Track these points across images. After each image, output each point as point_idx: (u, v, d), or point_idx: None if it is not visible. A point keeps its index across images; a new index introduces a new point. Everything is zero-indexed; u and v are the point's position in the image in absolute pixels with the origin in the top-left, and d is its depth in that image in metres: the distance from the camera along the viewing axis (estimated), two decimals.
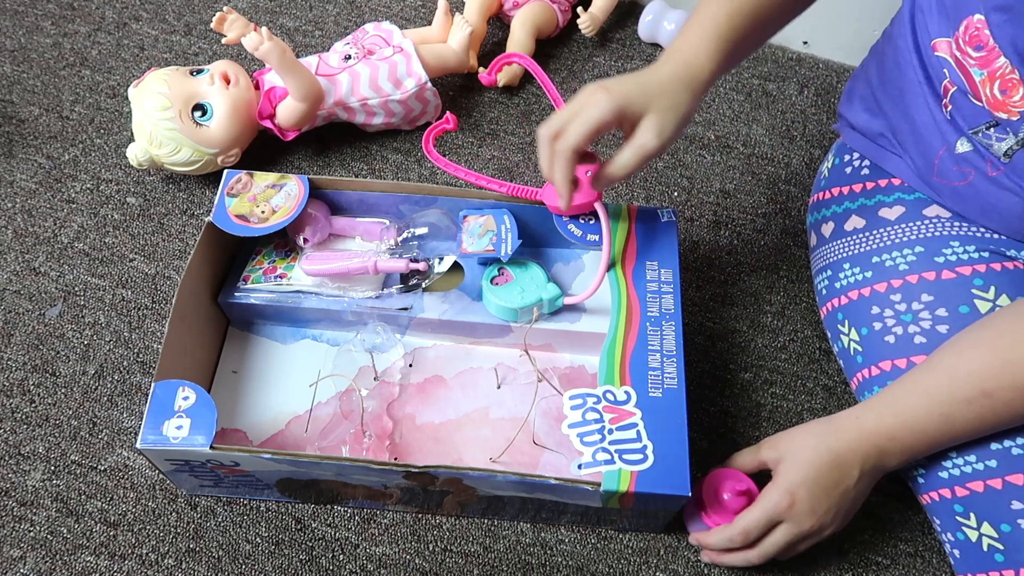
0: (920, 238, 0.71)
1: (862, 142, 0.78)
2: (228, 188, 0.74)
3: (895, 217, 0.73)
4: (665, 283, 0.73)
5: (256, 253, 0.77)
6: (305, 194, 0.74)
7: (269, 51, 0.83)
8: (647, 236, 0.75)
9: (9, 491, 0.72)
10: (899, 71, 0.73)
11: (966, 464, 0.63)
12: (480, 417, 0.73)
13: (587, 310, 0.74)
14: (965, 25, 0.64)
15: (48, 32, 1.05)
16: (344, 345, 0.76)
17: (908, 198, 0.74)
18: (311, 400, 0.73)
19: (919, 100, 0.71)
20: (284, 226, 0.72)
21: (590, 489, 0.62)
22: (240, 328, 0.77)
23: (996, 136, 0.65)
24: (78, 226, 0.88)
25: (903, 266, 0.71)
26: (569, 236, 0.75)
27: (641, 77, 0.64)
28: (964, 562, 0.64)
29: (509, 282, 0.73)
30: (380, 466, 0.62)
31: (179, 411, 0.63)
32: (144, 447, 0.62)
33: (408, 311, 0.74)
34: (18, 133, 0.95)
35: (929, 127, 0.70)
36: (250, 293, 0.74)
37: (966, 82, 0.65)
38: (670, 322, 0.70)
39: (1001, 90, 0.63)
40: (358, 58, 0.93)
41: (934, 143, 0.70)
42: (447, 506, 0.71)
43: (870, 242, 0.74)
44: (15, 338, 0.81)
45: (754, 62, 1.08)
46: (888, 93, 0.75)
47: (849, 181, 0.78)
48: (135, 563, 0.69)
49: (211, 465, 0.64)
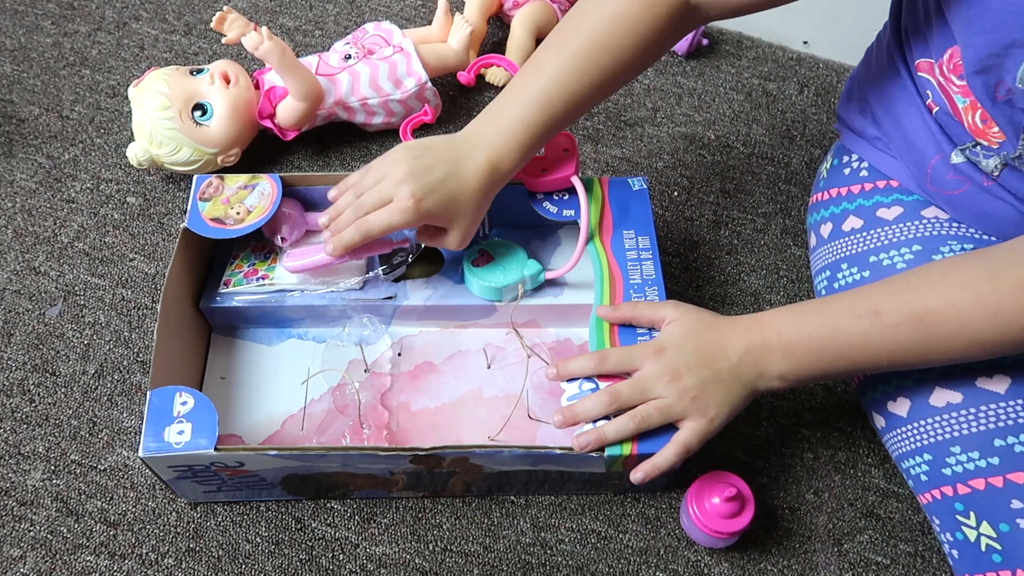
0: (918, 237, 0.71)
1: (861, 144, 0.78)
2: (200, 193, 0.74)
3: (893, 217, 0.73)
4: (644, 250, 0.74)
5: (234, 257, 0.77)
6: (279, 191, 0.73)
7: (269, 50, 0.83)
8: (621, 206, 0.77)
9: (9, 491, 0.72)
10: (889, 80, 0.73)
11: (969, 461, 0.63)
12: (474, 398, 0.74)
13: (569, 284, 0.76)
14: (950, 54, 0.63)
15: (48, 32, 1.05)
16: (331, 341, 0.76)
17: (907, 199, 0.74)
18: (304, 398, 0.74)
19: (911, 110, 0.71)
20: (261, 225, 0.72)
21: (595, 456, 0.63)
22: (223, 334, 0.77)
23: (983, 154, 0.65)
24: (78, 226, 0.88)
25: (901, 264, 0.71)
26: (545, 214, 0.75)
27: (448, 184, 0.65)
28: (962, 562, 0.63)
29: (490, 263, 0.75)
30: (387, 452, 0.62)
31: (179, 416, 0.62)
32: (147, 455, 0.61)
33: (393, 300, 0.74)
34: (18, 133, 0.95)
35: (922, 137, 0.70)
36: (233, 296, 0.74)
37: (949, 106, 0.65)
38: (653, 287, 0.71)
39: (982, 119, 0.63)
40: (358, 58, 0.93)
41: (927, 152, 0.70)
42: (453, 487, 0.71)
43: (868, 242, 0.74)
44: (15, 338, 0.81)
45: (754, 62, 1.08)
46: (880, 101, 0.75)
47: (848, 182, 0.79)
48: (135, 563, 0.69)
49: (215, 468, 0.64)
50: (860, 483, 0.76)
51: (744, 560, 0.72)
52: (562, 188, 0.76)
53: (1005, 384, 0.63)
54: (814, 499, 0.75)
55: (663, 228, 0.91)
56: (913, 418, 0.67)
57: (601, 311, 0.69)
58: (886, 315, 0.59)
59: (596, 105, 0.71)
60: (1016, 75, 0.56)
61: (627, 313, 0.68)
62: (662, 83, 1.04)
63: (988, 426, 0.62)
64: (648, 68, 0.74)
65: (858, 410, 0.79)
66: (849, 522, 0.74)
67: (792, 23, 1.10)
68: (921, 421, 0.66)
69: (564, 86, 0.65)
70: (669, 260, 0.89)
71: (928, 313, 0.58)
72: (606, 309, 0.69)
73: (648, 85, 1.04)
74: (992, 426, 0.62)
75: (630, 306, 0.68)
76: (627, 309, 0.68)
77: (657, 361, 0.63)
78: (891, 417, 0.69)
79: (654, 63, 0.73)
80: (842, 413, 0.80)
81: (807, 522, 0.74)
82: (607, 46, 0.65)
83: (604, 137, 0.98)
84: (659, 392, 0.62)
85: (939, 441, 0.64)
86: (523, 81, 0.66)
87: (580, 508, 0.74)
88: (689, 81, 1.05)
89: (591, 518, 0.73)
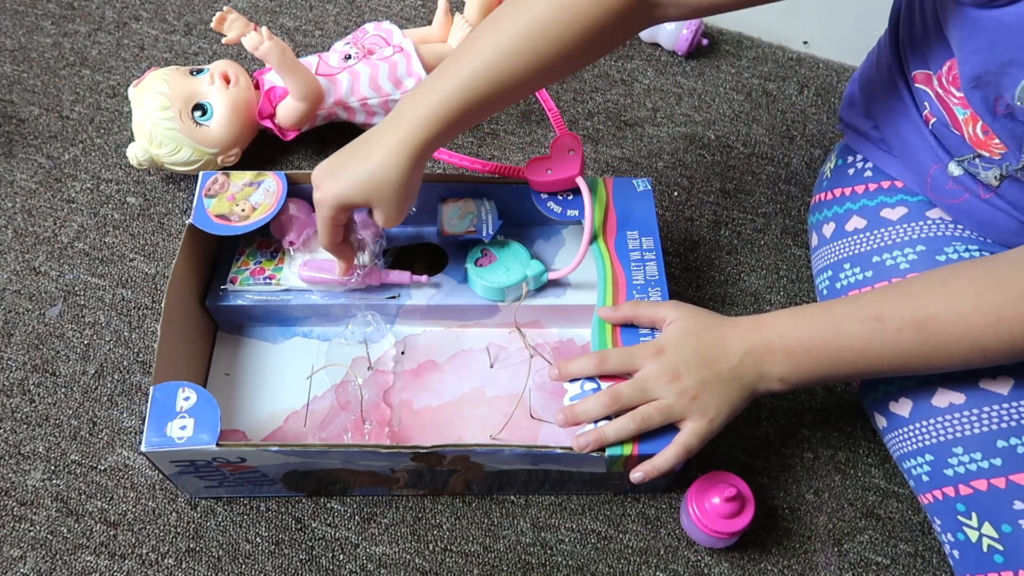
0: (922, 237, 0.71)
1: (865, 145, 0.78)
2: (205, 190, 0.74)
3: (897, 218, 0.73)
4: (647, 251, 0.74)
5: (240, 254, 0.77)
6: (284, 189, 0.73)
7: (269, 51, 0.83)
8: (625, 207, 0.77)
9: (9, 491, 0.72)
10: (887, 90, 0.73)
11: (971, 462, 0.63)
12: (476, 397, 0.74)
13: (571, 284, 0.76)
14: (948, 65, 0.63)
15: (48, 32, 1.05)
16: (335, 339, 0.76)
17: (911, 200, 0.74)
18: (307, 395, 0.74)
19: (908, 120, 0.71)
20: (267, 222, 0.72)
21: (595, 456, 0.63)
22: (229, 331, 0.77)
23: (982, 166, 0.65)
24: (78, 226, 0.88)
25: (904, 265, 0.71)
26: (549, 213, 0.75)
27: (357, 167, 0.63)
28: (963, 563, 0.63)
29: (493, 262, 0.75)
30: (388, 449, 0.62)
31: (181, 412, 0.63)
32: (149, 450, 0.61)
33: (396, 299, 0.75)
34: (18, 133, 0.95)
35: (919, 146, 0.70)
36: (240, 295, 0.74)
37: (948, 118, 0.65)
38: (656, 288, 0.72)
39: (983, 131, 0.63)
40: (358, 58, 0.93)
41: (925, 161, 0.70)
42: (453, 486, 0.71)
43: (871, 242, 0.74)
44: (15, 338, 0.81)
45: (754, 62, 1.08)
46: (879, 108, 0.74)
47: (851, 182, 0.78)
48: (135, 563, 0.69)
49: (217, 464, 0.64)
50: (860, 483, 0.76)
51: (744, 560, 0.72)
52: (566, 188, 0.76)
53: (1008, 385, 0.63)
54: (814, 499, 0.75)
55: (663, 228, 0.91)
56: (915, 418, 0.67)
57: (602, 312, 0.69)
58: (888, 320, 0.59)
59: (534, 91, 0.69)
60: (1015, 93, 0.56)
61: (627, 313, 0.68)
62: (662, 83, 1.04)
63: (991, 427, 0.62)
64: (596, 60, 0.71)
65: (858, 410, 0.79)
66: (849, 522, 0.74)
67: (792, 23, 1.10)
68: (923, 422, 0.66)
69: (494, 67, 0.62)
70: (669, 260, 0.89)
71: (930, 319, 0.58)
72: (607, 310, 0.69)
73: (648, 85, 1.04)
74: (995, 427, 0.62)
75: (631, 306, 0.68)
76: (627, 309, 0.68)
77: (657, 361, 0.63)
78: (893, 417, 0.69)
79: (602, 56, 0.71)
80: (842, 413, 0.80)
81: (807, 522, 0.74)
82: (547, 33, 0.62)
83: (604, 137, 0.98)
84: (659, 392, 0.62)
85: (941, 442, 0.64)
86: (456, 57, 0.64)
87: (580, 508, 0.74)
88: (689, 81, 1.05)
89: (591, 518, 0.73)
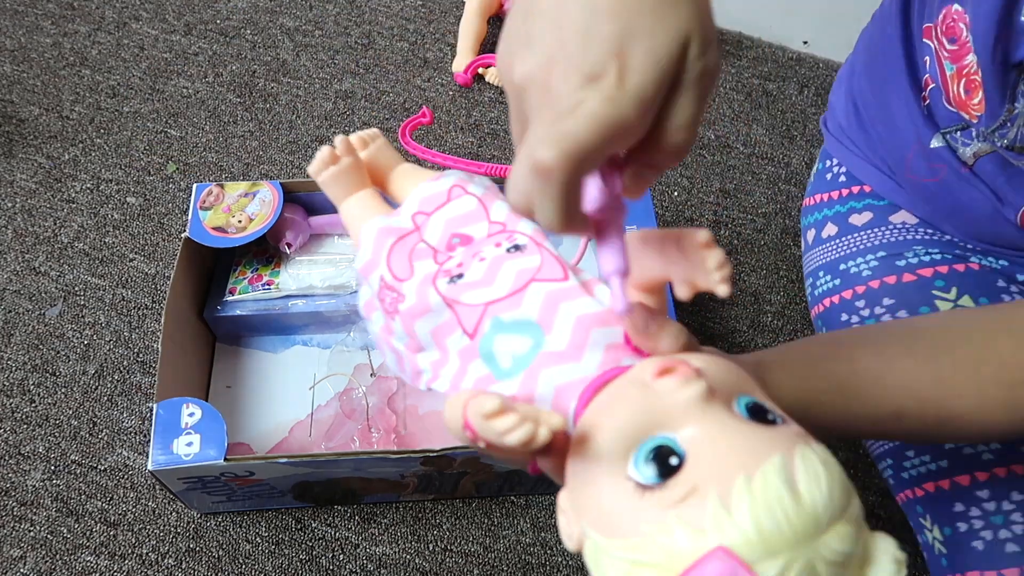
0: (883, 243, 0.71)
1: (839, 148, 0.78)
2: (200, 202, 0.73)
3: (863, 223, 0.73)
4: None
5: (237, 264, 0.77)
6: (280, 199, 0.73)
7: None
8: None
9: (9, 491, 0.72)
10: (884, 59, 0.72)
11: (921, 464, 0.62)
12: None
13: None
14: (944, 14, 0.62)
15: (48, 32, 1.05)
16: (336, 346, 0.76)
17: (877, 204, 0.74)
18: (311, 404, 0.73)
19: (899, 91, 0.70)
20: (263, 233, 0.72)
21: None
22: (228, 343, 0.77)
23: (962, 141, 0.65)
24: (78, 226, 0.88)
25: (866, 272, 0.71)
26: None
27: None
28: (930, 564, 0.62)
29: None
30: (398, 455, 0.62)
31: (187, 428, 0.62)
32: (157, 468, 0.61)
33: None
34: (18, 133, 0.95)
35: (905, 120, 0.70)
36: (239, 304, 0.74)
37: (940, 76, 0.65)
38: None
39: (966, 89, 0.62)
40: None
41: (907, 137, 0.70)
42: (463, 489, 0.71)
43: (839, 249, 0.74)
44: (15, 338, 0.81)
45: (754, 62, 1.08)
46: (871, 81, 0.74)
47: (828, 188, 0.79)
48: (135, 563, 0.69)
49: (225, 478, 0.64)
50: (860, 483, 0.76)
51: None
52: None
53: None
54: None
55: (663, 228, 0.91)
56: None
57: None
58: (907, 420, 0.50)
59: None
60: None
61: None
62: None
63: None
64: None
65: None
66: None
67: (792, 23, 1.10)
68: None
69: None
70: None
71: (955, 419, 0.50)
72: None
73: None
74: None
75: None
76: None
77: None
78: None
79: None
80: None
81: None
82: None
83: None
84: None
85: (897, 445, 0.65)
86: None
87: None
88: None
89: None
